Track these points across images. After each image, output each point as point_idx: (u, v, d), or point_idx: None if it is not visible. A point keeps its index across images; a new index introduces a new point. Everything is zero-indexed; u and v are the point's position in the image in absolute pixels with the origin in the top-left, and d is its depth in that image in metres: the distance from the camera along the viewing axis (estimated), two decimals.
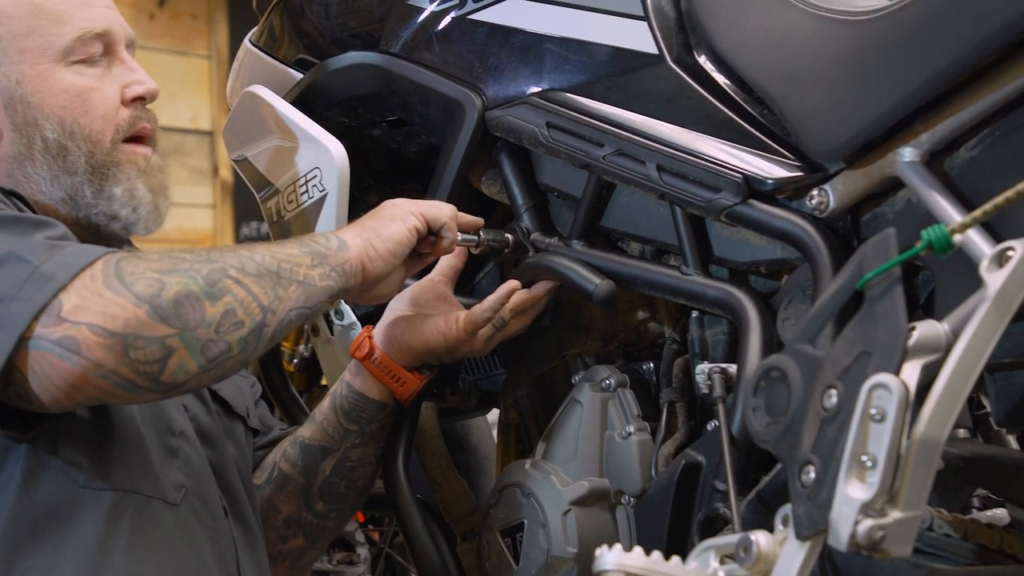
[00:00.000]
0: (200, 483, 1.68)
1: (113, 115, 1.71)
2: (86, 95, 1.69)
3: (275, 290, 1.48)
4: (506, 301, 1.75)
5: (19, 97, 1.67)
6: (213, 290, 1.43)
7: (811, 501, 1.14)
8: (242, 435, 1.87)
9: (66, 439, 1.51)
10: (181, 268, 1.43)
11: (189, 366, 1.41)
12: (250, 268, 1.47)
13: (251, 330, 1.45)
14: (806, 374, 1.20)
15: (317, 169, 1.89)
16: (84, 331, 1.36)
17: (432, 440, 2.04)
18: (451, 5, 1.83)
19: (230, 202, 6.20)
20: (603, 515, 1.64)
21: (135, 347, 1.37)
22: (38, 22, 1.68)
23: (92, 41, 1.70)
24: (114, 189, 1.69)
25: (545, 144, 1.71)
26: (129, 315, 1.37)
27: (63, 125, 1.67)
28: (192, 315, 1.40)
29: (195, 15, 6.15)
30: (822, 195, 1.45)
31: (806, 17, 1.48)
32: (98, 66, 1.71)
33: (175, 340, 1.39)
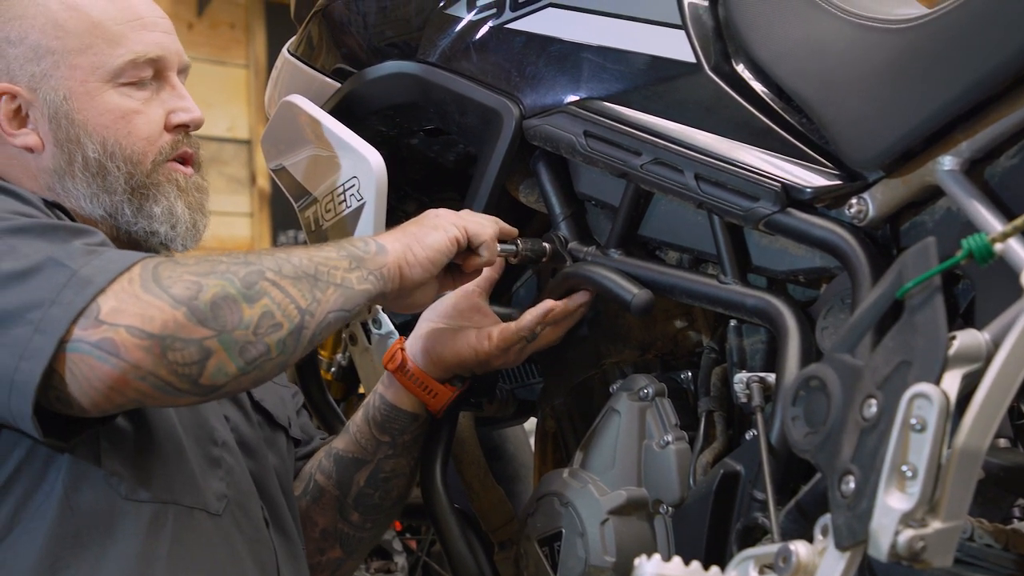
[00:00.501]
0: (242, 493, 1.68)
1: (155, 139, 1.71)
2: (130, 117, 1.69)
3: (313, 292, 1.48)
4: (543, 320, 1.75)
5: (64, 112, 1.67)
6: (250, 292, 1.43)
7: (851, 511, 1.14)
8: (284, 445, 1.88)
9: (108, 450, 1.52)
10: (218, 271, 1.43)
11: (228, 368, 1.41)
12: (287, 271, 1.47)
13: (289, 332, 1.45)
14: (845, 383, 1.20)
15: (355, 178, 1.89)
16: (122, 333, 1.36)
17: (470, 449, 2.04)
18: (489, 14, 1.83)
19: (267, 211, 6.22)
20: (641, 524, 1.64)
21: (173, 349, 1.38)
22: (93, 40, 1.68)
23: (143, 66, 1.70)
24: (153, 208, 1.70)
25: (583, 153, 1.71)
26: (167, 317, 1.37)
27: (105, 145, 1.68)
28: (230, 317, 1.41)
29: (233, 24, 6.17)
30: (861, 204, 1.45)
31: (845, 25, 1.48)
32: (146, 89, 1.72)
33: (213, 342, 1.40)
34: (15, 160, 1.70)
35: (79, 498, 1.49)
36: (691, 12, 1.63)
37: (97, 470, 1.51)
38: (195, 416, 1.66)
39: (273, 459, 1.81)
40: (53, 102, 1.68)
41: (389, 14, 1.97)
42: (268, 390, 1.88)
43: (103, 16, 1.69)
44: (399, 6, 1.95)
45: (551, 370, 1.93)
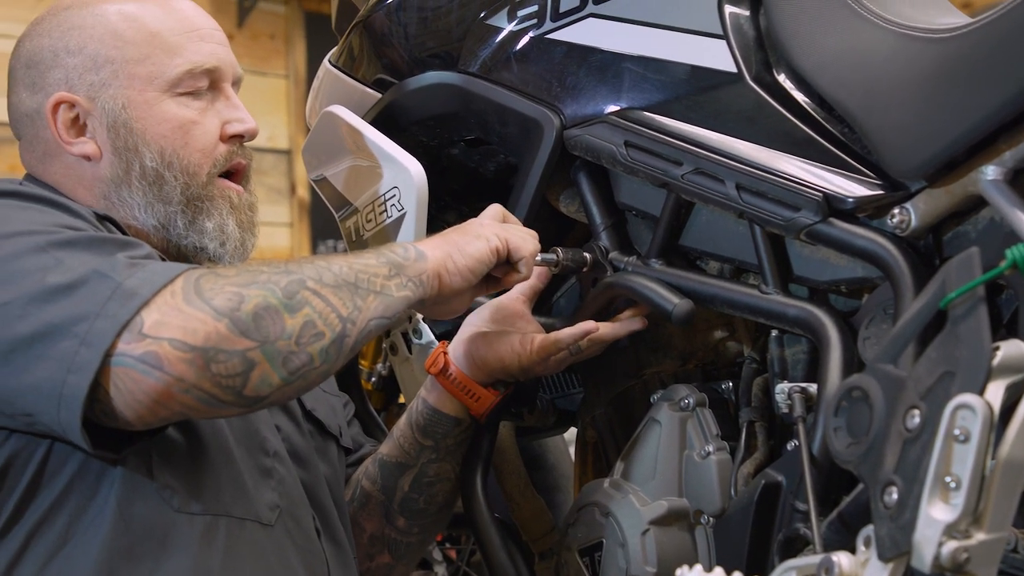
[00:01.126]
0: (294, 503, 1.69)
1: (211, 149, 1.73)
2: (188, 127, 1.71)
3: (353, 300, 1.48)
4: (582, 339, 1.75)
5: (123, 121, 1.69)
6: (292, 302, 1.43)
7: (894, 522, 1.13)
8: (335, 454, 1.88)
9: (159, 463, 1.52)
10: (259, 281, 1.43)
11: (272, 379, 1.42)
12: (327, 279, 1.47)
13: (332, 341, 1.45)
14: (888, 394, 1.19)
15: (396, 188, 1.90)
16: (166, 346, 1.36)
17: (510, 459, 2.04)
18: (529, 25, 1.83)
19: (307, 221, 6.24)
20: (682, 535, 1.63)
21: (216, 361, 1.38)
22: (151, 51, 1.70)
23: (200, 76, 1.72)
24: (206, 223, 1.71)
25: (623, 163, 1.71)
26: (210, 329, 1.38)
27: (163, 154, 1.69)
28: (272, 327, 1.41)
29: (273, 35, 6.20)
30: (903, 214, 1.44)
31: (887, 35, 1.47)
32: (202, 100, 1.73)
33: (256, 353, 1.40)
34: (71, 170, 1.71)
35: (132, 512, 1.50)
36: (732, 22, 1.63)
37: (149, 483, 1.51)
38: (246, 427, 1.67)
39: (324, 468, 1.82)
40: (112, 111, 1.69)
41: (430, 25, 1.97)
42: (319, 399, 1.89)
43: (161, 27, 1.71)
44: (440, 17, 1.95)
45: (592, 380, 1.93)
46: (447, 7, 1.94)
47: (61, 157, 1.71)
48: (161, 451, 1.53)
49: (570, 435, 2.17)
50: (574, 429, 2.06)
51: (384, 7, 2.02)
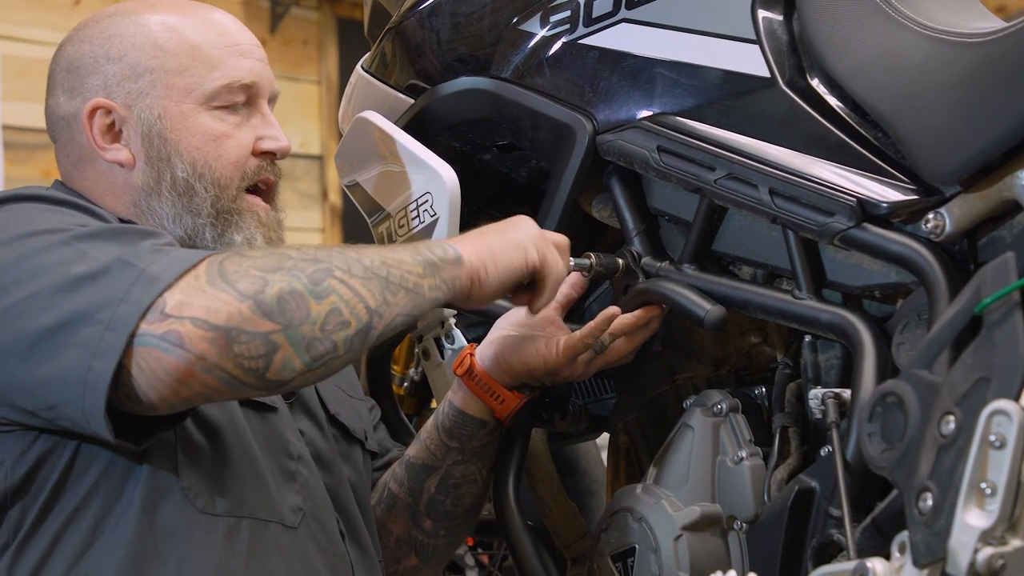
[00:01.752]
0: (317, 506, 1.69)
1: (242, 163, 1.73)
2: (221, 140, 1.72)
3: (383, 294, 1.48)
4: (606, 327, 1.75)
5: (158, 131, 1.70)
6: (318, 289, 1.43)
7: (929, 528, 1.13)
8: (360, 459, 1.89)
9: (184, 464, 1.53)
10: (285, 267, 1.43)
11: (295, 363, 1.41)
12: (357, 271, 1.47)
13: (357, 331, 1.45)
14: (923, 400, 1.19)
15: (428, 194, 1.90)
16: (187, 325, 1.37)
17: (542, 464, 2.04)
18: (562, 30, 1.84)
19: (339, 226, 6.26)
20: (715, 541, 1.63)
21: (238, 341, 1.38)
22: (191, 63, 1.71)
23: (237, 91, 1.73)
24: (234, 236, 1.72)
25: (656, 168, 1.71)
26: (232, 309, 1.38)
27: (195, 166, 1.70)
28: (297, 312, 1.41)
29: (306, 41, 6.22)
30: (938, 219, 1.44)
31: (922, 39, 1.47)
32: (238, 114, 1.74)
33: (280, 336, 1.40)
34: (104, 176, 1.72)
35: (157, 512, 1.51)
36: (765, 26, 1.62)
37: (174, 484, 1.52)
38: (270, 430, 1.68)
39: (349, 472, 1.82)
40: (147, 120, 1.70)
41: (462, 30, 1.97)
42: (344, 403, 1.90)
43: (202, 39, 1.72)
44: (472, 22, 1.96)
45: (624, 385, 1.93)
46: (480, 13, 1.95)
47: (95, 163, 1.72)
48: (186, 452, 1.54)
49: (602, 440, 2.17)
50: (606, 434, 2.05)
51: (416, 13, 2.02)
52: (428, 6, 2.01)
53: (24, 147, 5.16)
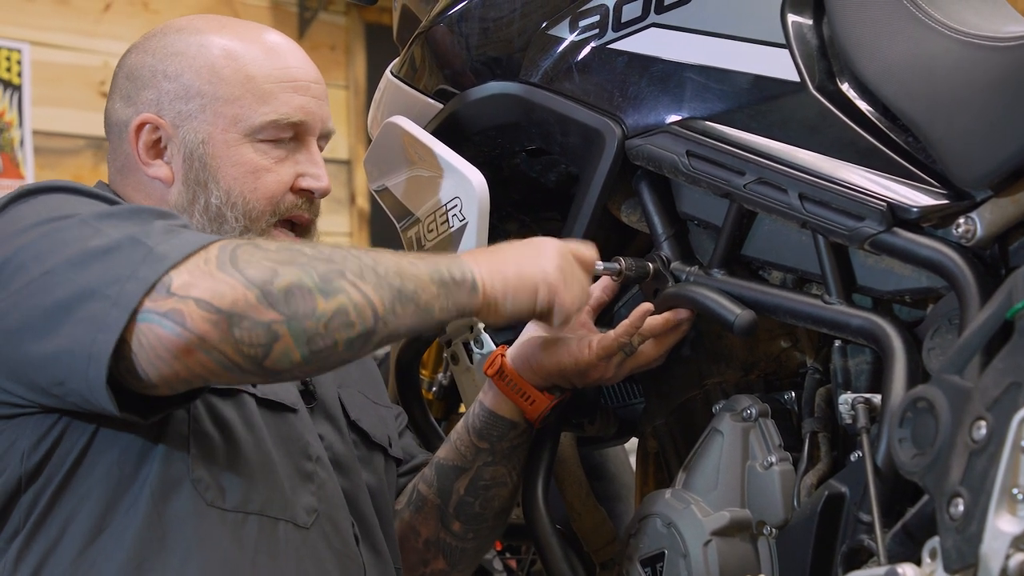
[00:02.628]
0: (333, 508, 1.70)
1: (277, 198, 1.73)
2: (260, 174, 1.72)
3: (393, 304, 1.48)
4: (640, 325, 1.74)
5: (199, 155, 1.71)
6: (327, 287, 1.43)
7: (960, 534, 1.13)
8: (381, 465, 1.89)
9: (196, 456, 1.55)
10: (298, 262, 1.44)
11: (293, 355, 1.42)
12: (370, 277, 1.47)
13: (360, 334, 1.46)
14: (954, 405, 1.19)
15: (457, 199, 1.90)
16: (191, 305, 1.38)
17: (571, 469, 2.04)
18: (591, 35, 1.84)
19: (366, 230, 6.26)
20: (745, 546, 1.63)
21: (240, 327, 1.39)
22: (243, 93, 1.72)
23: (285, 128, 1.73)
24: None
25: (685, 172, 1.71)
26: (238, 295, 1.39)
27: (229, 195, 1.71)
28: (302, 306, 1.41)
29: (333, 46, 6.23)
30: (969, 223, 1.43)
31: (952, 43, 1.46)
32: (282, 149, 1.74)
33: (282, 327, 1.40)
34: (143, 187, 1.74)
35: (166, 503, 1.52)
36: (795, 31, 1.62)
37: (185, 476, 1.53)
38: (289, 430, 1.68)
39: (367, 478, 1.82)
40: (191, 143, 1.71)
41: (491, 35, 1.98)
42: (366, 409, 1.90)
43: (258, 72, 1.73)
44: (502, 27, 1.96)
45: (653, 390, 1.93)
46: (509, 18, 1.95)
47: (136, 173, 1.74)
48: (198, 446, 1.55)
49: (631, 445, 2.17)
50: (635, 439, 2.05)
51: (446, 18, 2.03)
52: (457, 11, 2.01)
53: (53, 152, 5.19)
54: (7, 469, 1.51)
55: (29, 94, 5.12)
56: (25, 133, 5.12)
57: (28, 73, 5.13)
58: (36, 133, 5.15)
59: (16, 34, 5.12)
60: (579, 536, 2.03)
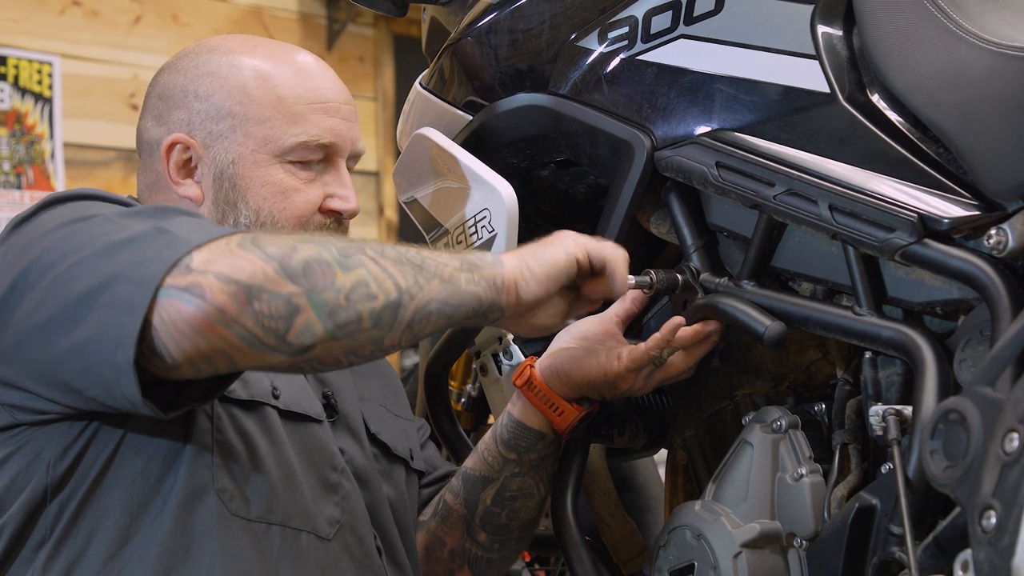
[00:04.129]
0: (356, 520, 1.71)
1: (306, 218, 1.75)
2: (289, 194, 1.74)
3: (416, 277, 1.47)
4: (671, 338, 1.74)
5: (229, 176, 1.73)
6: (347, 261, 1.44)
7: (992, 547, 1.12)
8: (402, 478, 1.89)
9: (219, 466, 1.56)
10: (317, 239, 1.46)
11: (316, 328, 1.41)
12: (390, 254, 1.48)
13: (385, 305, 1.44)
14: (986, 417, 1.18)
15: (486, 210, 1.90)
16: (210, 278, 1.38)
17: (600, 480, 2.04)
18: (620, 46, 1.84)
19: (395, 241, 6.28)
20: (775, 558, 1.62)
21: (259, 299, 1.38)
22: (273, 114, 1.73)
23: (315, 149, 1.75)
24: None
25: (715, 184, 1.71)
26: (256, 268, 1.39)
27: (258, 214, 1.73)
28: (322, 278, 1.41)
29: (362, 58, 6.24)
30: (1000, 234, 1.43)
31: (984, 54, 1.46)
32: (311, 170, 1.76)
33: (302, 299, 1.40)
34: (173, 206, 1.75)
35: (192, 513, 1.53)
36: (825, 42, 1.62)
37: (209, 486, 1.54)
38: (313, 442, 1.69)
39: (388, 490, 1.83)
40: (221, 163, 1.73)
41: (520, 47, 1.98)
42: (387, 422, 1.90)
43: (289, 93, 1.74)
44: (530, 39, 1.96)
45: (683, 401, 1.92)
46: (537, 29, 1.95)
47: (167, 192, 1.76)
48: (222, 456, 1.56)
49: (660, 457, 2.17)
50: (664, 451, 2.05)
51: (474, 30, 2.03)
52: (486, 23, 2.01)
53: (84, 164, 5.21)
54: (33, 479, 1.52)
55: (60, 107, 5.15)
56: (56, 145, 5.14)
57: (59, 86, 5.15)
58: (67, 145, 5.17)
59: (47, 47, 5.15)
60: (608, 547, 2.03)
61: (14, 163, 5.03)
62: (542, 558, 2.58)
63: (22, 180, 5.05)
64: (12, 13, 5.06)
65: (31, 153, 5.09)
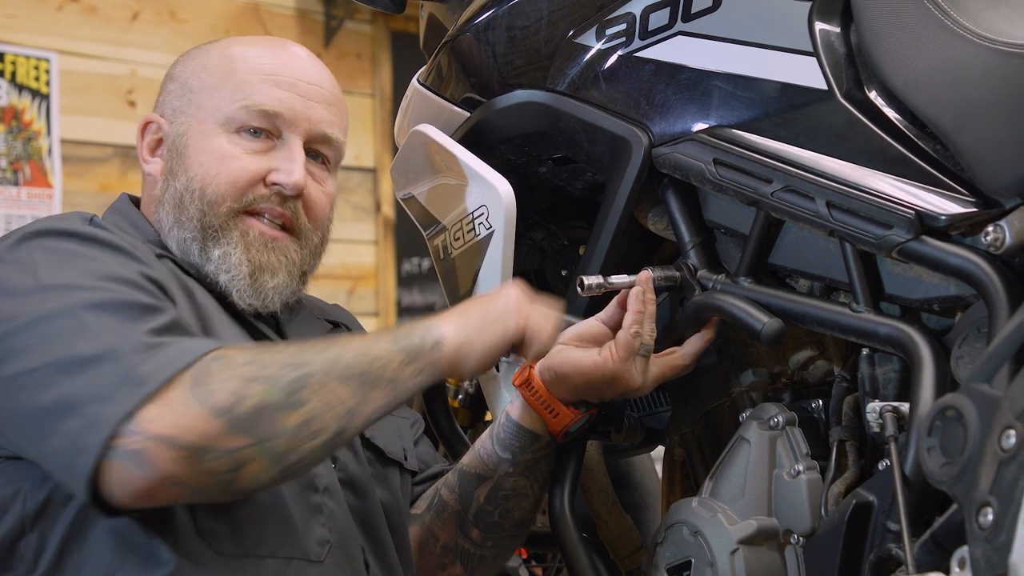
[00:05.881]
0: (344, 537, 1.71)
1: (241, 185, 1.75)
2: (226, 160, 1.75)
3: (362, 390, 1.51)
4: (643, 308, 1.73)
5: (178, 147, 1.77)
6: (293, 398, 1.46)
7: (989, 544, 1.12)
8: (396, 480, 1.90)
9: (203, 509, 1.56)
10: (263, 375, 1.46)
11: (264, 475, 1.46)
12: (338, 372, 1.50)
13: (331, 436, 1.49)
14: (983, 414, 1.18)
15: (484, 207, 1.91)
16: (158, 445, 1.40)
17: (597, 477, 2.04)
18: (618, 43, 1.84)
19: (392, 238, 6.26)
20: (772, 555, 1.62)
21: (207, 457, 1.42)
22: (223, 83, 1.77)
23: (256, 115, 1.76)
24: (213, 251, 1.75)
25: (712, 181, 1.71)
26: (204, 428, 1.42)
27: (192, 181, 1.75)
28: (269, 426, 1.44)
29: (359, 55, 6.23)
30: (998, 231, 1.43)
31: (981, 51, 1.46)
32: (259, 142, 1.77)
33: (251, 451, 1.44)
34: (146, 185, 1.84)
35: (179, 556, 1.53)
36: (823, 39, 1.62)
37: (193, 530, 1.55)
38: None
39: (382, 495, 1.84)
40: (176, 136, 1.78)
41: (518, 44, 1.98)
42: (380, 425, 1.90)
43: (244, 66, 1.78)
44: (528, 36, 1.96)
45: (680, 398, 1.92)
46: (535, 26, 1.95)
47: (143, 173, 1.83)
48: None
49: (657, 453, 2.17)
50: (661, 447, 2.05)
51: (472, 27, 2.03)
52: (484, 20, 2.01)
53: (81, 161, 5.20)
54: (10, 509, 1.54)
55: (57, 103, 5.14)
56: (53, 142, 5.14)
57: (56, 82, 5.14)
58: (64, 142, 5.16)
59: (44, 43, 5.14)
60: (605, 544, 2.03)
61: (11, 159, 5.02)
62: (539, 555, 2.58)
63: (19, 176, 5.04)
64: (9, 9, 5.05)
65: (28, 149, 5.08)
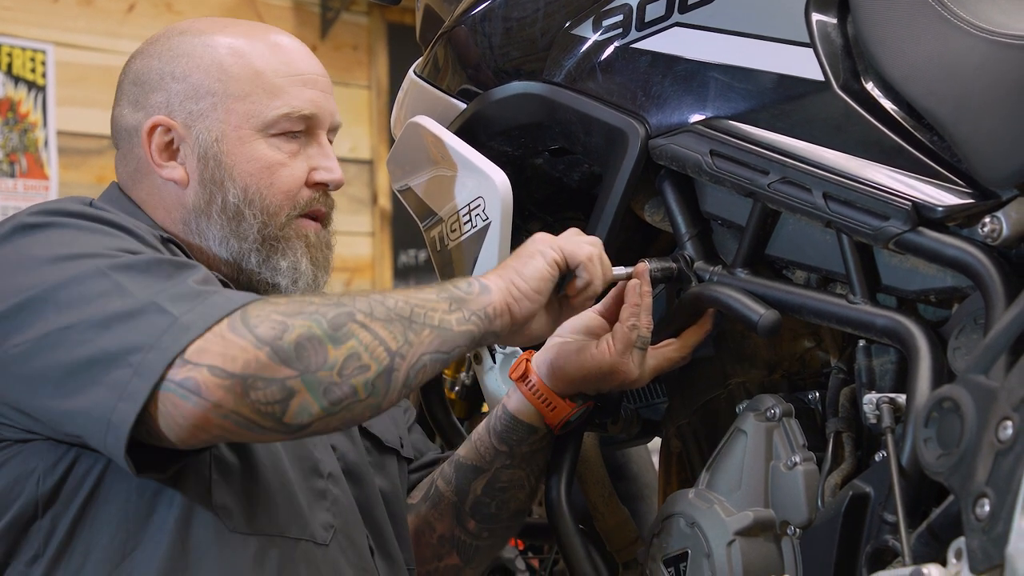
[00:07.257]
0: (348, 523, 1.71)
1: (294, 192, 1.75)
2: (275, 169, 1.74)
3: (406, 335, 1.49)
4: (639, 302, 1.74)
5: (214, 154, 1.72)
6: (337, 334, 1.45)
7: (986, 535, 1.12)
8: (394, 468, 1.90)
9: (217, 483, 1.56)
10: (306, 311, 1.46)
11: (312, 408, 1.44)
12: (379, 313, 1.49)
13: (378, 374, 1.47)
14: (980, 405, 1.18)
15: (480, 198, 1.90)
16: (204, 372, 1.40)
17: (594, 468, 2.04)
18: (615, 34, 1.83)
19: (389, 230, 6.27)
20: (768, 546, 1.63)
21: (255, 388, 1.41)
22: (253, 89, 1.73)
23: (297, 120, 1.75)
24: (280, 262, 1.74)
25: (709, 172, 1.71)
26: (249, 356, 1.41)
27: (246, 192, 1.72)
28: (314, 357, 1.43)
29: (356, 46, 6.23)
30: (995, 222, 1.43)
31: (978, 42, 1.46)
32: (295, 143, 1.76)
33: (297, 382, 1.42)
34: (158, 191, 1.75)
35: (189, 532, 1.53)
36: (819, 30, 1.62)
37: (208, 504, 1.54)
38: (301, 450, 1.69)
39: (381, 483, 1.83)
40: (205, 142, 1.72)
41: (515, 35, 1.98)
42: None
43: (266, 67, 1.74)
44: (525, 27, 1.96)
45: (676, 390, 1.92)
46: (532, 18, 1.95)
47: (150, 177, 1.75)
48: (220, 471, 1.57)
49: (654, 445, 2.17)
50: (658, 439, 2.05)
51: (469, 18, 2.03)
52: (480, 11, 2.01)
53: (77, 152, 5.20)
54: (24, 493, 1.52)
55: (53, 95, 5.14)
56: (49, 133, 5.14)
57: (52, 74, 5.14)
58: (60, 133, 5.16)
59: (40, 35, 5.14)
60: (602, 536, 2.03)
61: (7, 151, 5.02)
62: (535, 546, 2.58)
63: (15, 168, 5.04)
64: (5, 1, 5.05)
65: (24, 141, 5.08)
